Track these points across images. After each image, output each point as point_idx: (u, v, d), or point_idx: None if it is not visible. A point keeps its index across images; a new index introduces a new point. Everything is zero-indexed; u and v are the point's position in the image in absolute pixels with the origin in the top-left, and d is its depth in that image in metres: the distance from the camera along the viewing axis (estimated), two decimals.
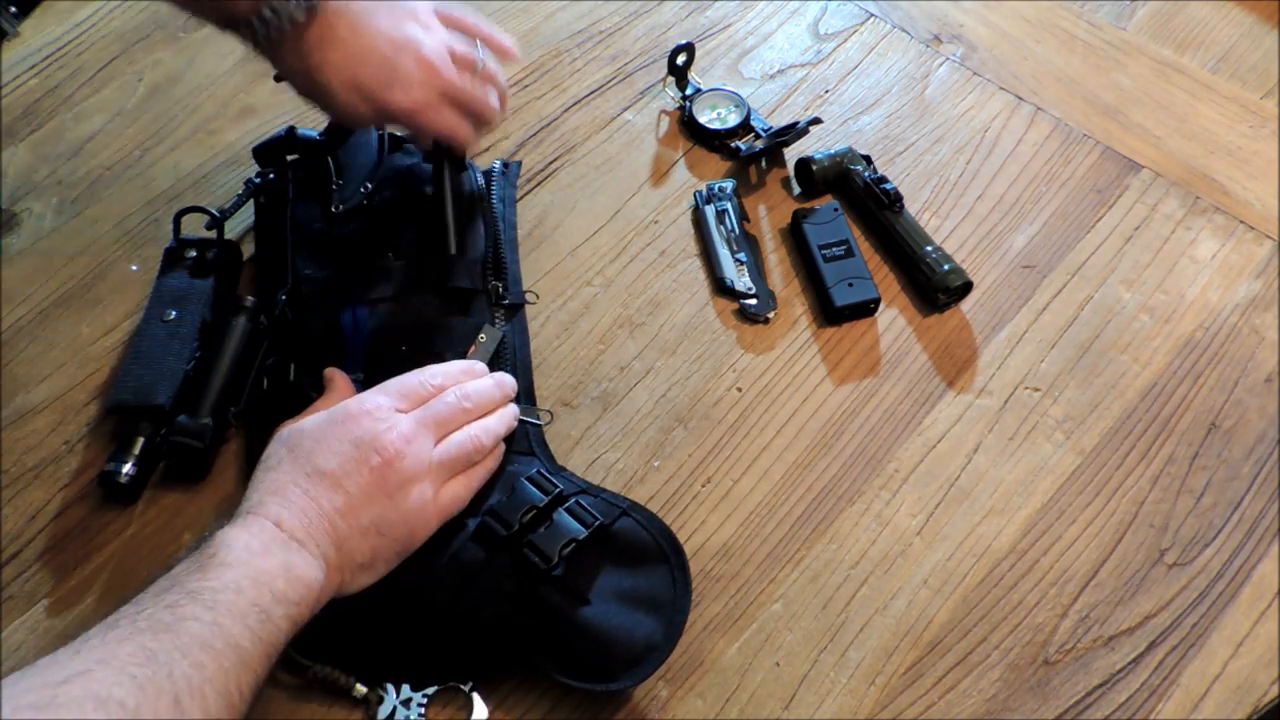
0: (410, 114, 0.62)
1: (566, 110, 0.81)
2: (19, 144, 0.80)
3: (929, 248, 0.70)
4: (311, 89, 0.61)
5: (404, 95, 0.61)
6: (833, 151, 0.75)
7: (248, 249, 0.72)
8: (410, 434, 0.54)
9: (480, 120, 0.66)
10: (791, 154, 0.78)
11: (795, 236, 0.73)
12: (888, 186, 0.72)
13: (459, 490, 0.56)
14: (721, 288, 0.71)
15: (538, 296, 0.70)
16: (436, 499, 0.55)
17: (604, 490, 0.61)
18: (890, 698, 0.56)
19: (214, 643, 0.44)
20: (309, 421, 0.55)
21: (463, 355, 0.64)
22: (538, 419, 0.64)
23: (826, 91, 0.82)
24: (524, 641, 0.55)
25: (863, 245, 0.73)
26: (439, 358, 0.63)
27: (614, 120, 0.80)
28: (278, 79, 0.66)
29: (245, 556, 0.48)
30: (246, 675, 0.45)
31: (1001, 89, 0.82)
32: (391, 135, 0.73)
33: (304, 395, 0.61)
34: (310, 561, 0.50)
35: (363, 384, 0.62)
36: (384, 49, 0.60)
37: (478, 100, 0.65)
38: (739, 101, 0.79)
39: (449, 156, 0.69)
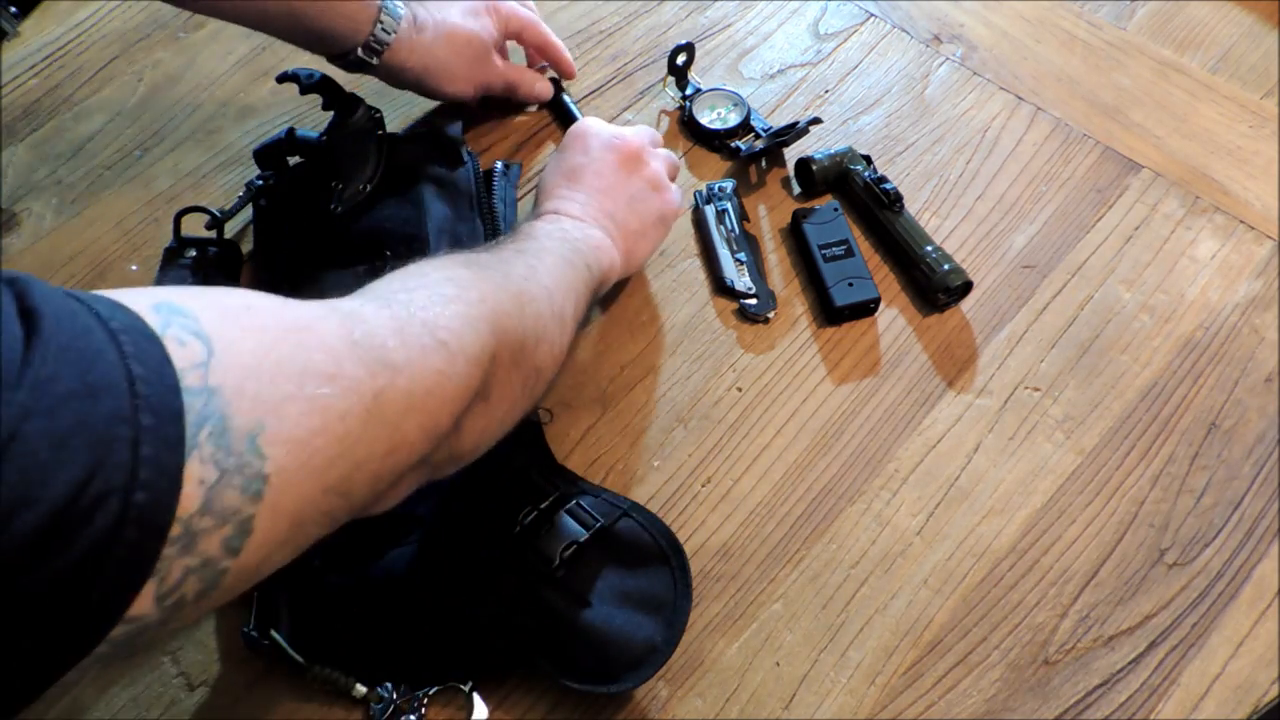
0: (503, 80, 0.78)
1: None
2: (19, 144, 0.80)
3: (929, 248, 0.70)
4: (420, 85, 0.74)
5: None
6: (833, 151, 0.75)
7: (246, 247, 0.72)
8: (638, 136, 0.68)
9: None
10: (791, 154, 0.78)
11: (795, 236, 0.73)
12: (888, 186, 0.72)
13: (675, 195, 0.69)
14: (721, 288, 0.71)
15: None
16: (665, 191, 0.67)
17: (604, 490, 0.61)
18: (890, 698, 0.56)
19: (544, 255, 0.55)
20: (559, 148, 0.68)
21: None
22: (538, 418, 0.64)
23: (826, 91, 0.82)
24: (524, 642, 0.55)
25: (863, 245, 0.73)
26: None
27: (614, 120, 0.80)
28: (280, 80, 0.66)
29: (550, 229, 0.59)
30: (572, 297, 0.55)
31: (1001, 89, 0.82)
32: (391, 135, 0.73)
33: None
34: (595, 231, 0.62)
35: None
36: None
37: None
38: (739, 101, 0.79)
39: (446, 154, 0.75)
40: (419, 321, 0.41)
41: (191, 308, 0.32)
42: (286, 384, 0.33)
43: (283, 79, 0.73)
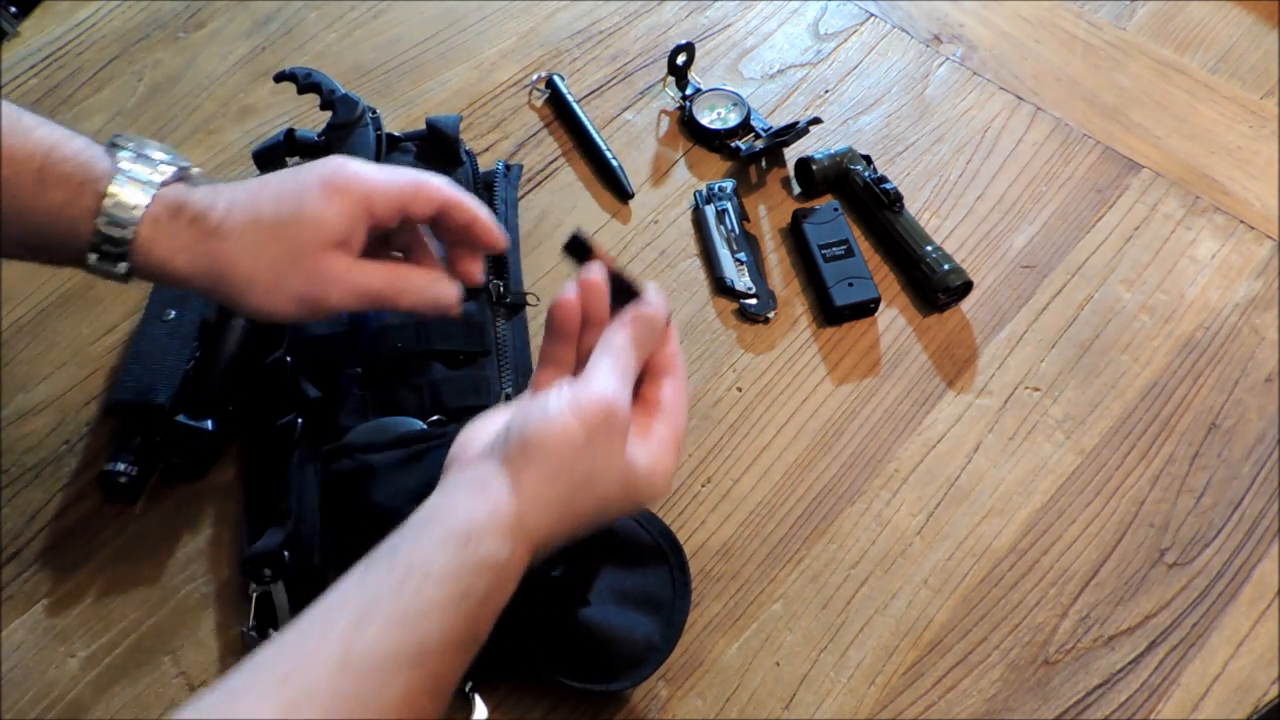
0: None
1: None
2: None
3: (929, 247, 0.70)
4: (214, 294, 0.51)
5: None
6: (833, 151, 0.75)
7: None
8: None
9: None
10: (791, 154, 0.78)
11: (795, 236, 0.73)
12: (888, 186, 0.72)
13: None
14: (721, 288, 0.71)
15: (538, 299, 0.70)
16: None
17: None
18: (890, 698, 0.56)
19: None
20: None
21: (460, 353, 0.64)
22: None
23: (826, 91, 0.82)
24: (523, 641, 0.55)
25: (863, 245, 0.73)
26: (437, 356, 0.63)
27: (614, 120, 0.80)
28: (278, 79, 0.66)
29: (463, 570, 0.42)
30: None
31: (1001, 89, 0.82)
32: (390, 135, 0.73)
33: (302, 395, 0.61)
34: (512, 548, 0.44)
35: (362, 383, 0.62)
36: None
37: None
38: (739, 101, 0.79)
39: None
40: None
41: None
42: None
43: (280, 78, 0.73)
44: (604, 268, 0.48)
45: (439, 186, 0.52)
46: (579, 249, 0.49)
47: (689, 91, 0.81)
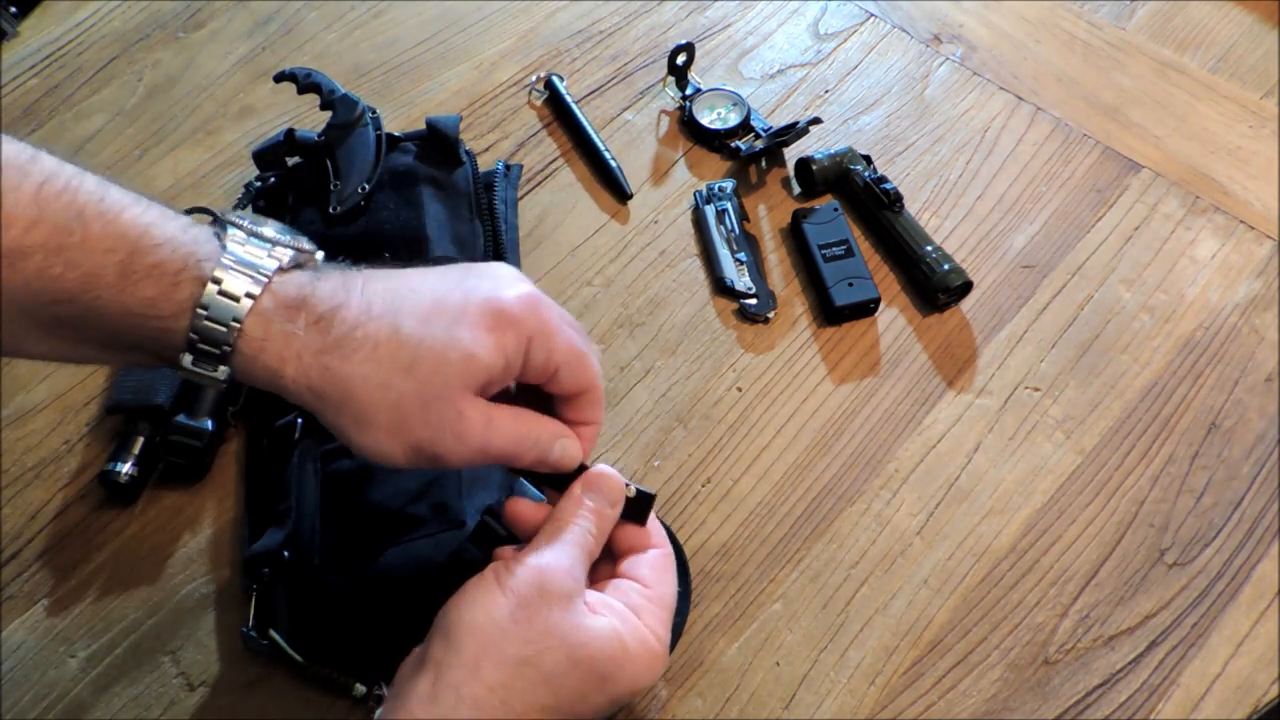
0: None
1: None
2: None
3: (929, 247, 0.70)
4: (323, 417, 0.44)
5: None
6: (833, 151, 0.75)
7: None
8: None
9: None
10: (791, 154, 0.78)
11: (795, 236, 0.73)
12: (888, 186, 0.72)
13: None
14: (721, 287, 0.71)
15: None
16: None
17: None
18: (890, 697, 0.56)
19: None
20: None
21: None
22: None
23: (826, 91, 0.82)
24: None
25: (863, 245, 0.73)
26: None
27: (614, 120, 0.80)
28: (278, 79, 0.66)
29: None
30: None
31: (1001, 89, 0.82)
32: (390, 135, 0.73)
33: None
34: None
35: None
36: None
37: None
38: (739, 101, 0.79)
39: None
40: None
41: None
42: None
43: (280, 78, 0.73)
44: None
45: (595, 369, 0.46)
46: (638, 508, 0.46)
47: (689, 91, 0.81)
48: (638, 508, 0.46)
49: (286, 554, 0.56)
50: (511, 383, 0.45)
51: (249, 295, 0.39)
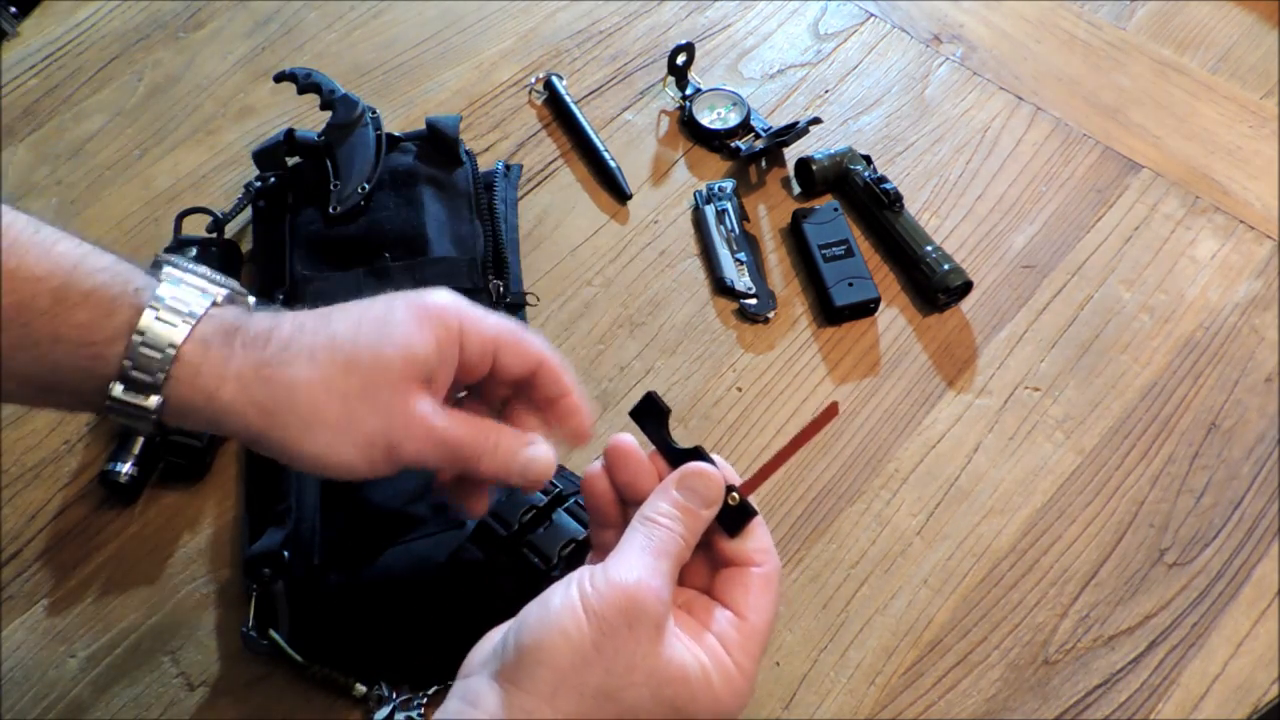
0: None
1: None
2: (19, 144, 0.80)
3: (929, 247, 0.70)
4: (260, 443, 0.42)
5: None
6: (833, 151, 0.75)
7: (245, 246, 0.72)
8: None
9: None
10: (791, 154, 0.78)
11: (795, 236, 0.73)
12: (888, 186, 0.72)
13: None
14: (721, 287, 0.71)
15: (538, 299, 0.70)
16: None
17: None
18: (890, 697, 0.56)
19: None
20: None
21: None
22: None
23: (826, 91, 0.82)
24: None
25: (863, 245, 0.73)
26: None
27: (614, 120, 0.80)
28: (278, 79, 0.66)
29: None
30: None
31: (1001, 89, 0.82)
32: (390, 135, 0.73)
33: None
34: None
35: None
36: None
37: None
38: (739, 101, 0.79)
39: None
40: None
41: None
42: None
43: (280, 78, 0.73)
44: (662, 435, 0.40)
45: (538, 343, 0.44)
46: (649, 413, 0.41)
47: (689, 91, 0.81)
48: (735, 517, 0.43)
49: (286, 554, 0.56)
50: (461, 390, 0.46)
51: (186, 321, 0.40)
